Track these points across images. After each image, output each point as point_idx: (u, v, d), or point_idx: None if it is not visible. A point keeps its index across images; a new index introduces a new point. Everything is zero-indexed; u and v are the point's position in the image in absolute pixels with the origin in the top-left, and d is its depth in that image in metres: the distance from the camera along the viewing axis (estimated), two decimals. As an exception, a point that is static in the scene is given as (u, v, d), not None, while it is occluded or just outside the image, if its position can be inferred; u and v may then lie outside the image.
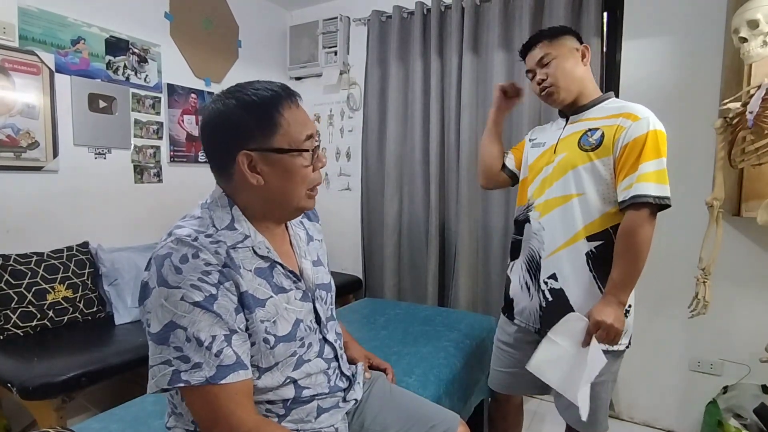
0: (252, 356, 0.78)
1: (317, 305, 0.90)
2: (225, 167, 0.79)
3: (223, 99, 0.79)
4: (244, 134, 0.77)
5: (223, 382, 0.71)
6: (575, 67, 1.25)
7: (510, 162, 1.48)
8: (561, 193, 1.24)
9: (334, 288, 1.00)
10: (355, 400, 0.98)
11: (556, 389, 1.18)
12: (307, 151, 0.80)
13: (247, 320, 0.76)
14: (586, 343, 1.13)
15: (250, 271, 0.78)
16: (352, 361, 1.07)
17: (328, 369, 0.90)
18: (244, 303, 0.76)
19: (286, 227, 0.92)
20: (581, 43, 1.28)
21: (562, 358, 1.15)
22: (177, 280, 0.70)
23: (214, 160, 0.82)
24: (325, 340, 0.91)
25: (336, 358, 0.94)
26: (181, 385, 0.70)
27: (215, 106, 0.79)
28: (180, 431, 0.84)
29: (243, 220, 0.81)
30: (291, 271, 0.85)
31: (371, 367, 1.14)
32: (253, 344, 0.77)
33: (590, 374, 1.10)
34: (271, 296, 0.80)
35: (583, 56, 1.26)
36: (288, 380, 0.83)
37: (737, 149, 1.43)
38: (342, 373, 0.95)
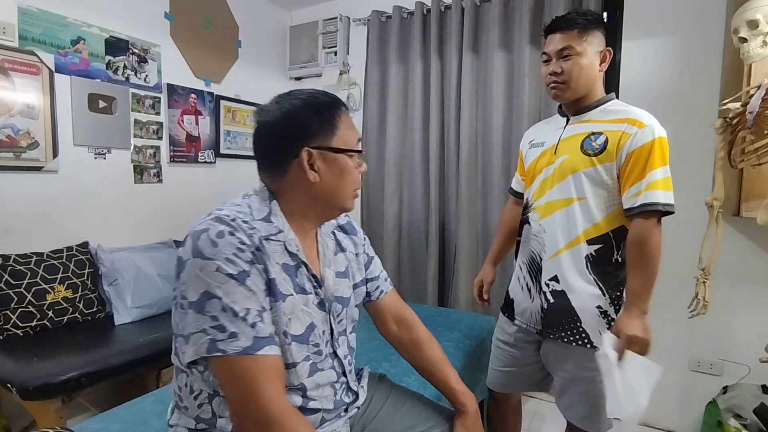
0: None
1: (330, 318, 0.90)
2: (281, 163, 0.83)
3: (288, 100, 0.85)
4: (309, 132, 0.82)
5: (259, 353, 0.72)
6: (591, 69, 1.21)
7: (520, 187, 1.48)
8: (562, 196, 1.23)
9: (353, 303, 0.98)
10: (358, 408, 0.97)
11: (626, 417, 1.13)
12: (360, 152, 0.88)
13: (270, 308, 0.78)
14: (621, 357, 1.10)
15: (278, 264, 0.81)
16: (449, 393, 1.04)
17: (336, 382, 0.91)
18: (271, 290, 0.78)
19: (316, 235, 0.94)
20: (605, 39, 1.24)
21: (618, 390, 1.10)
22: (212, 252, 0.73)
23: (270, 156, 0.85)
24: (335, 354, 0.91)
25: (344, 373, 0.94)
26: (218, 354, 0.71)
27: (281, 106, 0.84)
28: (183, 430, 0.84)
29: (279, 215, 0.84)
30: (314, 276, 0.87)
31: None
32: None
33: (649, 384, 1.08)
34: (292, 294, 0.82)
35: (603, 60, 1.23)
36: (299, 386, 0.83)
37: (737, 149, 1.43)
38: (349, 388, 0.95)
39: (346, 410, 0.94)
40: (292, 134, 0.82)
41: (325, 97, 0.86)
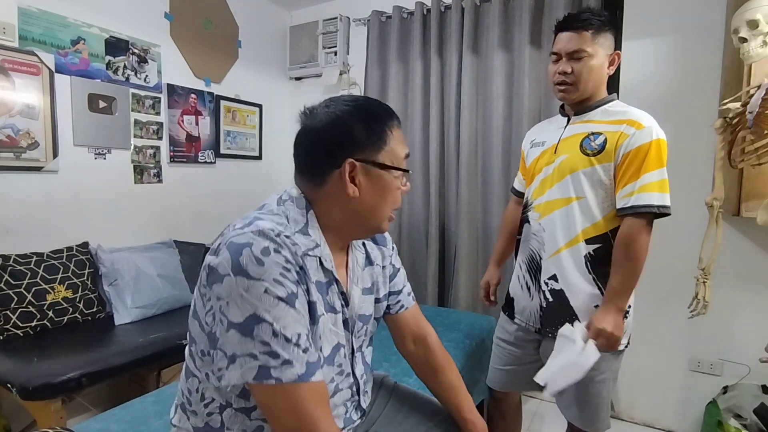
0: None
1: (353, 337, 0.87)
2: (322, 171, 0.78)
3: (338, 105, 0.80)
4: (355, 143, 0.77)
5: (313, 379, 0.69)
6: (601, 71, 1.21)
7: (522, 186, 1.48)
8: (561, 195, 1.23)
9: (372, 319, 0.94)
10: (362, 416, 0.95)
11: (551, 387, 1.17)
12: (406, 171, 0.83)
13: (309, 330, 0.74)
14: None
15: (313, 282, 0.76)
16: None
17: (348, 400, 0.88)
18: (311, 309, 0.75)
19: (347, 248, 0.89)
20: (614, 42, 1.23)
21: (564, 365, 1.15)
22: (259, 272, 0.67)
23: (311, 162, 0.80)
24: (353, 373, 0.89)
25: (358, 392, 0.91)
26: (272, 382, 0.67)
27: (330, 110, 0.79)
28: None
29: (316, 227, 0.80)
30: (343, 293, 0.83)
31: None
32: None
33: (582, 365, 1.11)
34: (323, 314, 0.78)
35: (611, 63, 1.23)
36: None
37: (737, 149, 1.43)
38: (359, 405, 0.92)
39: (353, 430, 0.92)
40: (338, 143, 0.77)
41: (378, 107, 0.81)
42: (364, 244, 0.94)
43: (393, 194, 0.81)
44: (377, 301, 0.95)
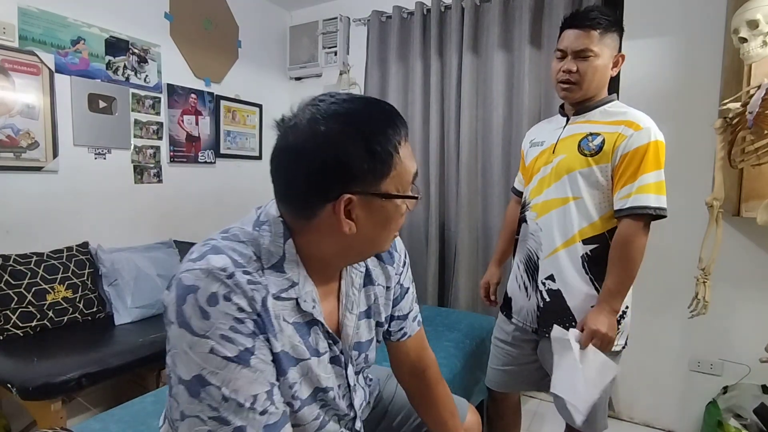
0: None
1: (348, 370, 0.77)
2: (308, 204, 0.63)
3: (330, 120, 0.60)
4: (353, 173, 0.60)
5: None
6: (605, 72, 1.21)
7: (522, 186, 1.48)
8: (558, 195, 1.24)
9: (373, 344, 0.84)
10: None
11: (572, 402, 1.17)
12: (416, 198, 0.68)
13: (277, 381, 0.65)
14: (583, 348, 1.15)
15: (290, 324, 0.66)
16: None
17: (340, 429, 0.80)
18: (276, 362, 0.64)
19: (340, 272, 0.77)
20: (619, 44, 1.23)
21: (572, 374, 1.15)
22: (203, 328, 0.57)
23: (295, 192, 0.64)
24: (350, 406, 0.80)
25: (354, 418, 0.83)
26: None
27: (317, 126, 0.60)
28: None
29: (295, 261, 0.66)
30: (329, 332, 0.72)
31: None
32: None
33: (602, 381, 1.12)
34: (304, 359, 0.68)
35: (615, 65, 1.22)
36: None
37: (737, 149, 1.43)
38: (354, 428, 0.84)
39: None
40: (329, 172, 0.60)
41: (380, 116, 0.63)
42: (365, 261, 0.81)
43: (397, 221, 0.67)
44: (378, 325, 0.84)
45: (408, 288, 0.90)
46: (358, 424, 0.85)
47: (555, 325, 1.21)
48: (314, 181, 0.61)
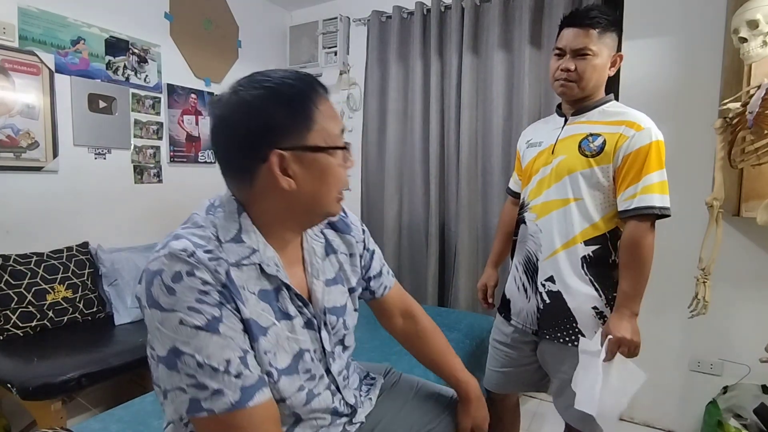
0: None
1: (322, 334, 0.80)
2: (246, 170, 0.69)
3: (246, 89, 0.67)
4: (277, 130, 0.67)
5: (250, 404, 0.63)
6: (603, 71, 1.20)
7: (517, 186, 1.48)
8: (559, 196, 1.23)
9: (350, 310, 0.88)
10: (362, 422, 0.90)
11: (602, 417, 1.14)
12: (344, 148, 0.73)
13: (252, 348, 0.68)
14: (609, 358, 1.13)
15: (254, 293, 0.70)
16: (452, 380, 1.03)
17: (332, 402, 0.82)
18: (247, 330, 0.68)
19: (301, 241, 0.81)
20: (618, 44, 1.23)
21: (600, 387, 1.13)
22: (171, 303, 0.62)
23: (232, 162, 0.71)
24: (327, 371, 0.82)
25: (339, 389, 0.84)
26: (204, 414, 0.62)
27: (237, 98, 0.67)
28: None
29: (252, 230, 0.71)
30: (298, 295, 0.76)
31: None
32: None
33: (631, 390, 1.11)
34: (274, 323, 0.71)
35: (613, 64, 1.22)
36: (292, 415, 0.76)
37: (737, 149, 1.43)
38: (346, 403, 0.86)
39: (351, 422, 0.87)
40: (256, 134, 0.67)
41: (297, 81, 0.69)
42: (322, 232, 0.87)
43: (335, 175, 0.72)
44: (351, 291, 0.89)
45: (373, 249, 0.98)
46: (350, 397, 0.87)
47: (582, 338, 1.18)
48: (246, 145, 0.68)
